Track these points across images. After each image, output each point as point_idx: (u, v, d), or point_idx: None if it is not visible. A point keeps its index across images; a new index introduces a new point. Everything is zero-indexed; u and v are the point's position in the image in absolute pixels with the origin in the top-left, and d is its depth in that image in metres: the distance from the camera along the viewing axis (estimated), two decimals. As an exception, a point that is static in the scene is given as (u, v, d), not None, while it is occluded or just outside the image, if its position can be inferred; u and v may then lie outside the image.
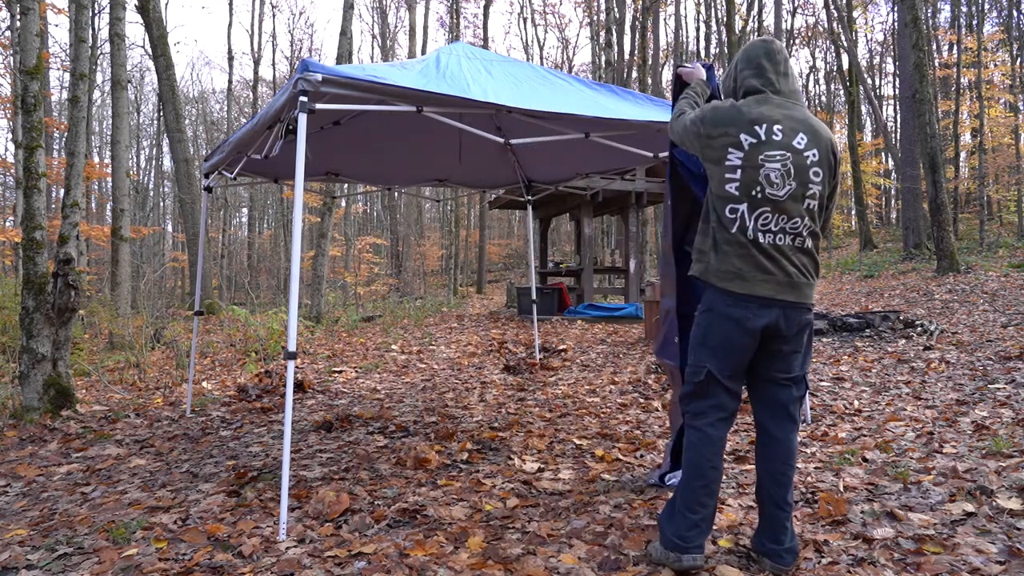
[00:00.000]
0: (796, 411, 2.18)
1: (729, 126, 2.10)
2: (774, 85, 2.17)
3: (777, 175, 2.07)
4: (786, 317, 2.09)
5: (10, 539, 2.54)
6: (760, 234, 2.07)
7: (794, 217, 2.08)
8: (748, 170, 2.07)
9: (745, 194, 2.07)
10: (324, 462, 3.49)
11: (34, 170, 4.82)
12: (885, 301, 9.42)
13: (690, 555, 2.08)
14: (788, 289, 2.08)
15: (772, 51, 2.20)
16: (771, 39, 2.25)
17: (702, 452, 2.12)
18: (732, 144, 2.08)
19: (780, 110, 2.12)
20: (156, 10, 13.69)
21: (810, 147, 2.10)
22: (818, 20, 26.93)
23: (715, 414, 2.14)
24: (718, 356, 2.11)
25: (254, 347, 8.17)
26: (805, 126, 2.12)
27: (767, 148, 2.06)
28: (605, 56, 13.35)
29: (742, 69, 2.24)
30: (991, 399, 4.08)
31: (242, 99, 30.52)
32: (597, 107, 3.49)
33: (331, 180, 5.66)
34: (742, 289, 2.07)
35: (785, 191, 2.07)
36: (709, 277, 2.13)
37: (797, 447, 2.18)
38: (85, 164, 7.22)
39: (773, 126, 2.08)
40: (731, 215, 2.10)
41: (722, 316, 2.10)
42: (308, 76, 2.73)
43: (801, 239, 2.11)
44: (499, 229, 36.74)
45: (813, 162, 2.10)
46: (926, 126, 11.21)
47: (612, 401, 4.85)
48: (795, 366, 2.17)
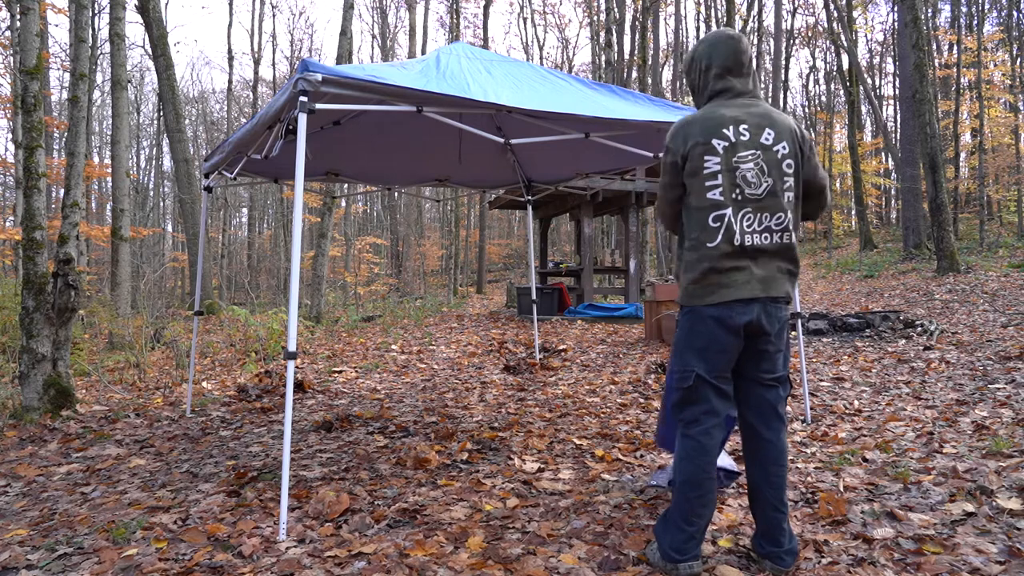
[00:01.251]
0: (783, 410, 2.19)
1: (698, 135, 2.11)
2: (737, 87, 2.19)
3: (753, 174, 2.08)
4: (767, 313, 2.10)
5: (10, 539, 2.54)
6: (746, 236, 2.08)
7: (776, 213, 2.10)
8: (726, 173, 2.08)
9: (727, 197, 2.08)
10: (324, 462, 3.49)
11: (34, 170, 4.82)
12: (885, 301, 9.42)
13: (687, 563, 2.08)
14: (766, 285, 2.09)
15: (739, 51, 2.20)
16: (736, 35, 2.23)
17: (696, 462, 2.10)
18: (707, 151, 2.10)
19: (743, 110, 2.15)
20: (156, 10, 13.69)
21: (778, 141, 2.12)
22: (818, 20, 26.96)
23: (708, 420, 2.12)
24: (705, 357, 2.11)
25: (254, 347, 8.17)
26: (768, 120, 2.14)
27: (739, 150, 2.09)
28: (605, 56, 13.35)
29: (707, 68, 2.22)
30: (991, 399, 4.08)
31: (242, 99, 30.53)
32: (597, 107, 3.49)
33: (331, 180, 5.66)
34: (720, 298, 2.07)
35: (763, 188, 2.09)
36: (691, 301, 2.14)
37: (787, 446, 2.18)
38: (85, 164, 7.22)
39: (740, 126, 2.10)
40: (715, 223, 2.09)
41: (704, 316, 2.11)
42: (308, 76, 2.73)
43: (788, 234, 2.12)
44: (499, 229, 36.75)
45: (784, 155, 2.12)
46: (926, 126, 11.21)
47: (612, 401, 4.85)
48: (779, 366, 2.18)
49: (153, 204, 32.09)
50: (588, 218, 12.44)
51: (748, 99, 2.19)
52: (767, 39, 27.53)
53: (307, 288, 15.57)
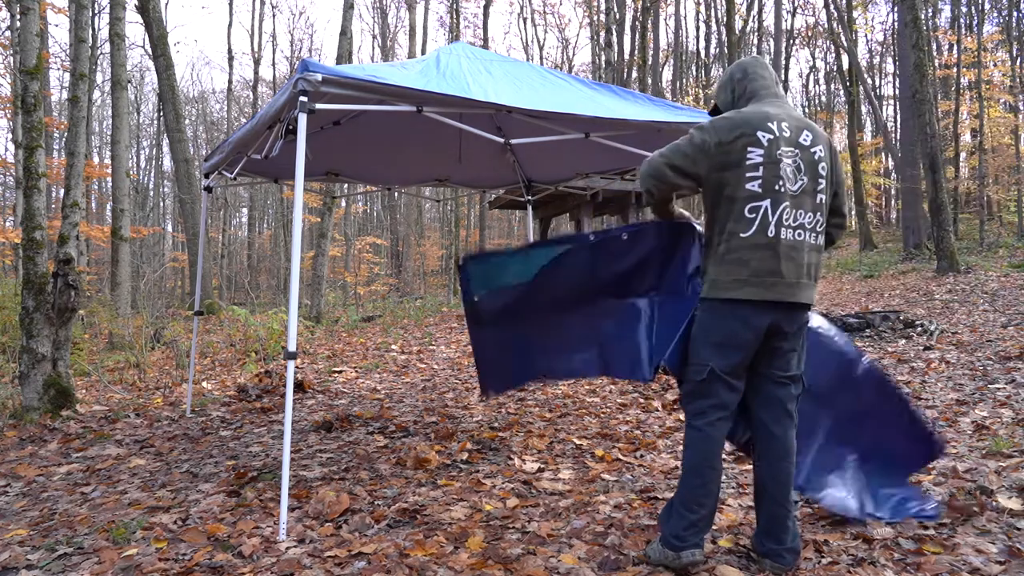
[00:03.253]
0: (794, 409, 2.20)
1: (744, 126, 2.11)
2: (773, 89, 2.25)
3: (791, 170, 2.10)
4: (789, 318, 2.12)
5: (10, 539, 2.54)
6: (782, 230, 2.07)
7: (809, 211, 2.11)
8: (769, 165, 2.08)
9: (768, 189, 2.08)
10: (324, 462, 3.49)
11: (34, 170, 4.82)
12: (885, 301, 9.42)
13: (688, 551, 2.08)
14: (793, 290, 2.09)
15: (765, 64, 2.31)
16: (763, 58, 2.35)
17: (701, 451, 2.12)
18: (751, 143, 2.09)
19: (782, 110, 2.17)
20: (156, 10, 13.69)
21: (815, 144, 2.15)
22: (818, 20, 26.93)
23: (715, 413, 2.13)
24: (721, 353, 2.11)
25: (254, 347, 8.17)
26: (805, 124, 2.17)
27: (782, 144, 2.10)
28: (605, 56, 13.35)
29: (740, 79, 2.30)
30: (991, 399, 4.08)
31: (242, 99, 30.51)
32: (597, 107, 3.49)
33: (331, 180, 5.66)
34: (747, 296, 2.07)
35: (798, 186, 2.10)
36: (716, 293, 2.12)
37: (795, 444, 2.19)
38: (85, 164, 7.22)
39: (782, 123, 2.12)
40: (751, 215, 2.08)
41: (726, 312, 2.11)
42: (308, 76, 2.73)
43: (816, 235, 2.14)
44: (499, 229, 36.74)
45: (820, 158, 2.15)
46: (926, 126, 11.21)
47: (612, 401, 4.85)
48: (793, 365, 2.19)
49: (153, 204, 32.09)
50: (588, 218, 12.42)
51: (783, 103, 2.22)
52: (767, 39, 27.51)
53: (307, 288, 15.57)
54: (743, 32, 22.26)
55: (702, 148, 2.13)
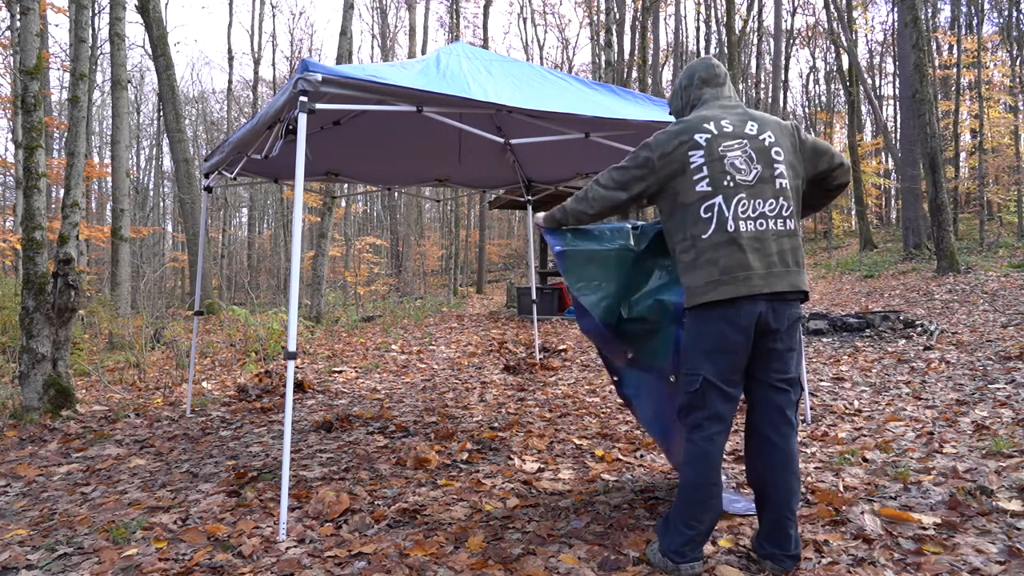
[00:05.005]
0: (794, 415, 2.15)
1: (682, 134, 2.16)
2: (716, 97, 2.30)
3: (741, 161, 2.11)
4: (774, 310, 2.07)
5: (10, 539, 2.54)
6: (741, 223, 2.07)
7: (770, 199, 2.11)
8: (712, 163, 2.10)
9: (717, 186, 2.09)
10: (324, 462, 3.49)
11: (34, 170, 4.82)
12: (885, 301, 9.42)
13: (688, 564, 2.07)
14: (771, 279, 2.05)
15: (712, 65, 2.35)
16: (711, 59, 2.38)
17: (700, 469, 2.08)
18: (691, 147, 2.13)
19: (722, 110, 2.23)
20: (156, 10, 13.69)
21: (762, 131, 2.17)
22: (818, 20, 26.93)
23: (712, 426, 2.09)
24: (712, 359, 2.08)
25: (254, 347, 8.17)
26: (749, 116, 2.22)
27: (723, 140, 2.13)
28: (605, 56, 13.34)
29: (686, 87, 2.37)
30: (991, 399, 4.08)
31: (242, 99, 30.51)
32: (597, 107, 3.50)
33: (331, 180, 5.66)
34: (722, 295, 2.04)
35: (754, 175, 2.11)
36: (695, 300, 2.11)
37: (797, 452, 2.16)
38: (85, 164, 7.22)
39: (720, 121, 2.17)
40: (706, 214, 2.09)
41: (710, 317, 2.08)
42: (308, 76, 2.73)
43: (783, 220, 2.12)
44: (499, 229, 36.74)
45: (771, 143, 2.16)
46: (926, 126, 11.21)
47: (612, 401, 4.85)
48: (791, 366, 2.14)
49: (153, 204, 32.08)
50: (588, 218, 12.41)
51: (725, 101, 2.27)
52: (767, 39, 27.52)
53: (307, 288, 15.57)
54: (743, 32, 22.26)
55: (646, 165, 2.20)
